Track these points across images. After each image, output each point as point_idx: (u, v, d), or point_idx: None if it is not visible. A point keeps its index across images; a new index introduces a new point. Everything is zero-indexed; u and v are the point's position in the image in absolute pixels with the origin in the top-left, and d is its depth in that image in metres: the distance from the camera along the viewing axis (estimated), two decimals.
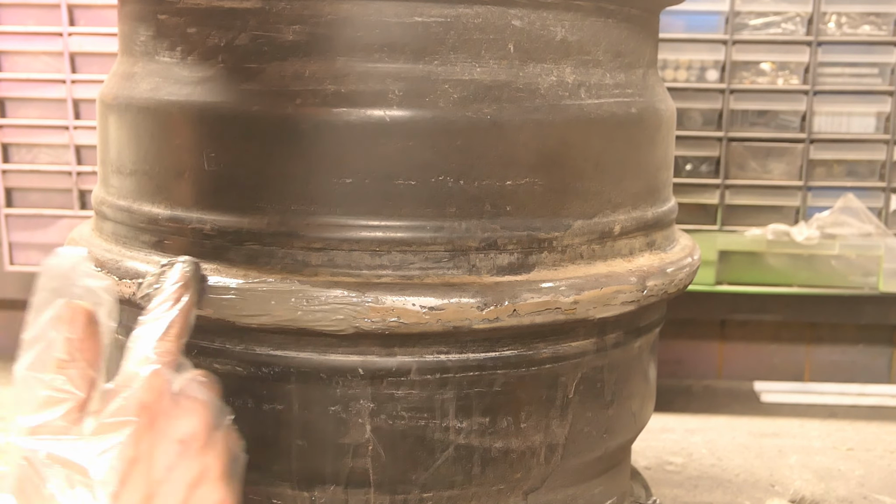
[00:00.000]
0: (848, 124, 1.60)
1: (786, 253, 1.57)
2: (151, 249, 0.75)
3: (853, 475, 1.24)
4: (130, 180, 0.77)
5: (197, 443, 0.57)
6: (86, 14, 1.59)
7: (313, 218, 0.69)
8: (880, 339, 1.73)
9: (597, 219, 0.76)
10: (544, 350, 0.74)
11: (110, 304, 0.60)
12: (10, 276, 1.63)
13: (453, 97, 0.70)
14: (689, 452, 1.32)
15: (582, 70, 0.75)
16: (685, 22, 1.58)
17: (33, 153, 1.64)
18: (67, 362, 0.56)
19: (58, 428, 0.54)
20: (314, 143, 0.69)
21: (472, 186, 0.70)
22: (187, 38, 0.73)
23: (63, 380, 0.55)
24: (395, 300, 0.68)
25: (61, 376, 0.55)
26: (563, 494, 0.80)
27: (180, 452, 0.55)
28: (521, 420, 0.74)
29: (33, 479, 0.52)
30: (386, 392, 0.71)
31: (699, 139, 1.59)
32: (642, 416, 0.87)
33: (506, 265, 0.72)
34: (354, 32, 0.69)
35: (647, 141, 0.81)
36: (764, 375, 1.73)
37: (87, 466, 0.52)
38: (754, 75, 1.59)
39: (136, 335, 0.60)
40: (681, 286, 0.82)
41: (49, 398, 0.55)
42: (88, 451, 0.52)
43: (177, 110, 0.73)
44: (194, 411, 0.57)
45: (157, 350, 0.58)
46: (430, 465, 0.73)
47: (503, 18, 0.71)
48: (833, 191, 1.60)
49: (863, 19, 1.57)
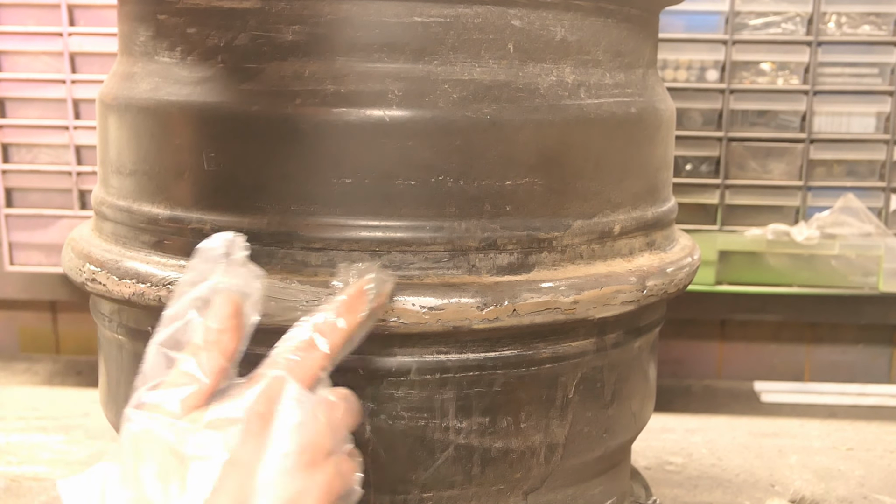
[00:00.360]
0: (848, 124, 1.60)
1: (786, 253, 1.57)
2: (151, 250, 0.75)
3: (853, 475, 1.24)
4: (130, 180, 0.77)
5: (305, 459, 0.54)
6: (86, 14, 1.59)
7: (313, 218, 0.69)
8: (880, 339, 1.73)
9: (597, 219, 0.76)
10: (544, 350, 0.74)
11: (257, 296, 0.58)
12: (10, 276, 1.63)
13: (453, 97, 0.70)
14: (689, 452, 1.32)
15: (582, 70, 0.75)
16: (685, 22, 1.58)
17: (33, 153, 1.64)
18: (201, 347, 0.54)
19: (173, 411, 0.52)
20: (314, 143, 0.69)
21: (472, 186, 0.70)
22: (187, 38, 0.73)
23: (193, 363, 0.54)
24: (394, 300, 0.68)
25: (192, 359, 0.54)
26: (563, 494, 0.80)
27: (285, 467, 0.53)
28: (520, 420, 0.74)
29: (133, 457, 0.51)
30: (385, 392, 0.71)
31: (699, 139, 1.59)
32: (642, 416, 0.87)
33: (506, 265, 0.72)
34: (354, 32, 0.69)
35: (646, 141, 0.81)
36: (764, 375, 1.73)
37: (187, 457, 0.50)
38: (754, 75, 1.59)
39: (291, 332, 0.58)
40: (681, 286, 0.82)
41: (174, 379, 0.53)
42: (193, 442, 0.51)
43: (176, 110, 0.73)
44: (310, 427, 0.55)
45: (293, 357, 0.56)
46: (430, 466, 0.73)
47: (503, 18, 0.71)
48: (833, 191, 1.60)
49: (863, 19, 1.57)
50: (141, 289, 0.72)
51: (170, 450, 0.51)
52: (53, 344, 1.75)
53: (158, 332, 0.56)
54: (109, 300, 0.78)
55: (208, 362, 0.54)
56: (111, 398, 0.84)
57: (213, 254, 0.58)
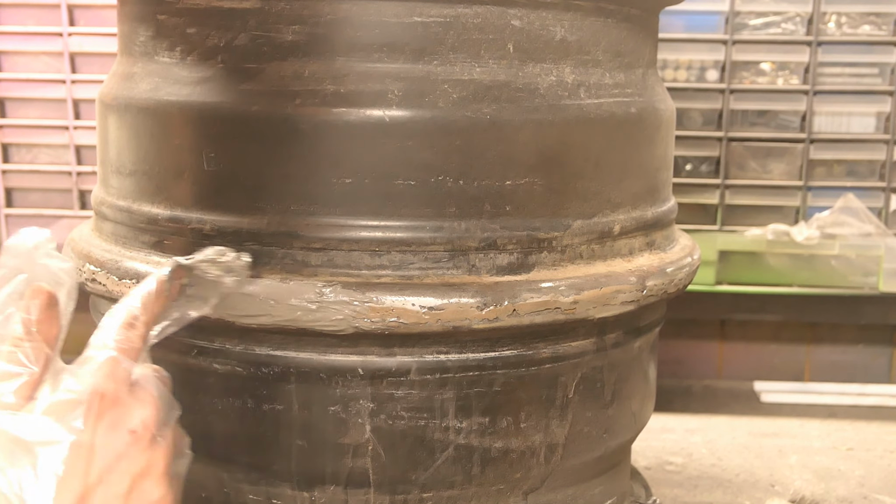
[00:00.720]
0: (848, 124, 1.60)
1: (786, 253, 1.57)
2: (151, 250, 0.75)
3: (853, 475, 1.24)
4: (130, 180, 0.77)
5: (147, 435, 0.56)
6: (86, 14, 1.59)
7: (313, 218, 0.69)
8: (880, 339, 1.73)
9: (596, 219, 0.76)
10: (544, 350, 0.74)
11: (70, 286, 0.59)
12: None
13: (453, 97, 0.70)
14: (689, 452, 1.32)
15: (581, 70, 0.75)
16: (685, 22, 1.58)
17: (33, 153, 1.64)
18: (23, 339, 0.56)
19: (8, 403, 0.53)
20: (314, 143, 0.69)
21: (472, 186, 0.70)
22: (187, 38, 0.73)
23: (17, 354, 0.55)
24: (394, 300, 0.68)
25: (17, 350, 0.55)
26: (563, 494, 0.80)
27: (130, 443, 0.55)
28: (520, 420, 0.74)
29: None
30: (386, 392, 0.71)
31: (699, 139, 1.59)
32: (642, 416, 0.87)
33: (505, 265, 0.72)
34: (354, 32, 0.69)
35: (646, 141, 0.81)
36: (764, 375, 1.73)
37: (32, 445, 0.52)
38: (754, 75, 1.59)
39: (104, 321, 0.59)
40: (681, 286, 0.82)
41: (2, 372, 0.55)
42: (36, 430, 0.52)
43: (176, 110, 0.73)
44: (147, 403, 0.57)
45: (118, 337, 0.58)
46: (430, 465, 0.73)
47: (502, 18, 0.71)
48: (833, 191, 1.60)
49: (863, 19, 1.57)
50: None
51: (14, 440, 0.52)
52: None
53: None
54: (109, 300, 0.78)
55: (33, 352, 0.56)
56: None
57: (20, 250, 0.60)
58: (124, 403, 0.56)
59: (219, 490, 0.76)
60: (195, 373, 0.73)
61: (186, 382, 0.62)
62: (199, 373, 0.73)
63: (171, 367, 0.61)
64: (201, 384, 0.73)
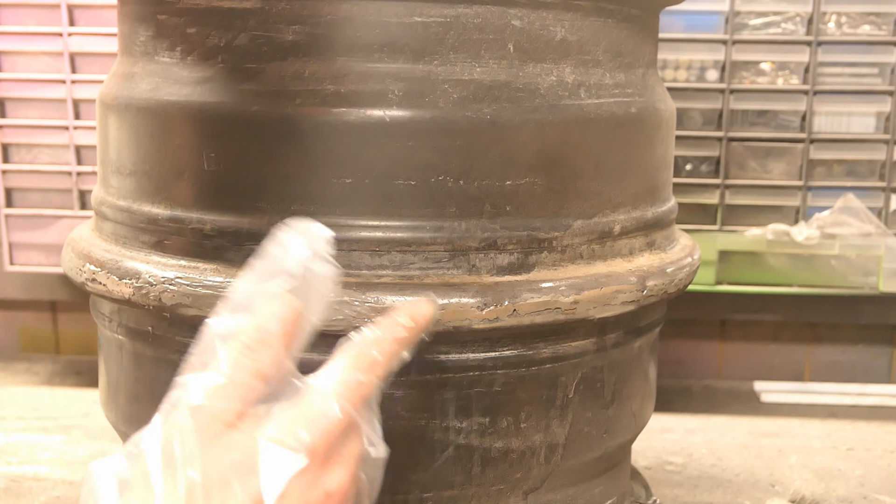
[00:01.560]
0: (848, 124, 1.60)
1: (786, 253, 1.57)
2: (151, 250, 0.75)
3: (853, 475, 1.24)
4: (130, 180, 0.77)
5: (337, 501, 0.52)
6: (86, 14, 1.59)
7: (313, 218, 0.69)
8: (880, 339, 1.73)
9: (597, 219, 0.76)
10: (544, 350, 0.74)
11: (327, 296, 0.56)
12: (10, 276, 1.63)
13: (453, 97, 0.70)
14: (689, 452, 1.32)
15: (582, 70, 0.75)
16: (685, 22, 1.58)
17: (33, 153, 1.64)
18: (256, 351, 0.52)
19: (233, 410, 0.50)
20: (314, 143, 0.69)
21: (472, 186, 0.70)
22: (187, 38, 0.73)
23: (249, 372, 0.52)
24: (395, 300, 0.68)
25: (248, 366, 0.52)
26: (563, 494, 0.80)
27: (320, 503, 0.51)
28: (521, 420, 0.74)
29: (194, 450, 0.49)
30: (385, 392, 0.71)
31: (699, 139, 1.59)
32: (642, 416, 0.87)
33: (506, 265, 0.72)
34: (354, 32, 0.69)
35: (646, 141, 0.81)
36: (764, 375, 1.73)
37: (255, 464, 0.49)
38: (754, 75, 1.59)
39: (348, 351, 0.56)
40: (681, 286, 0.82)
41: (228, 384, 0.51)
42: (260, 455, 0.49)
43: (176, 110, 0.73)
44: (350, 462, 0.53)
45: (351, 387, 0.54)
46: (430, 466, 0.73)
47: (503, 18, 0.71)
48: (833, 191, 1.60)
49: (863, 19, 1.57)
50: (141, 289, 0.72)
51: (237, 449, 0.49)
52: (53, 344, 1.75)
53: (220, 319, 0.54)
54: (110, 300, 0.78)
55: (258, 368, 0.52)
56: (111, 398, 0.84)
57: (296, 242, 0.56)
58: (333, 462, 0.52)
59: None
60: None
61: None
62: None
63: (172, 366, 0.61)
64: None
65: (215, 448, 0.49)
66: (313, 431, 0.51)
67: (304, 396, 0.54)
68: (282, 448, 0.50)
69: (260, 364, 0.53)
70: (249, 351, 0.52)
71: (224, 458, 0.49)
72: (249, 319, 0.54)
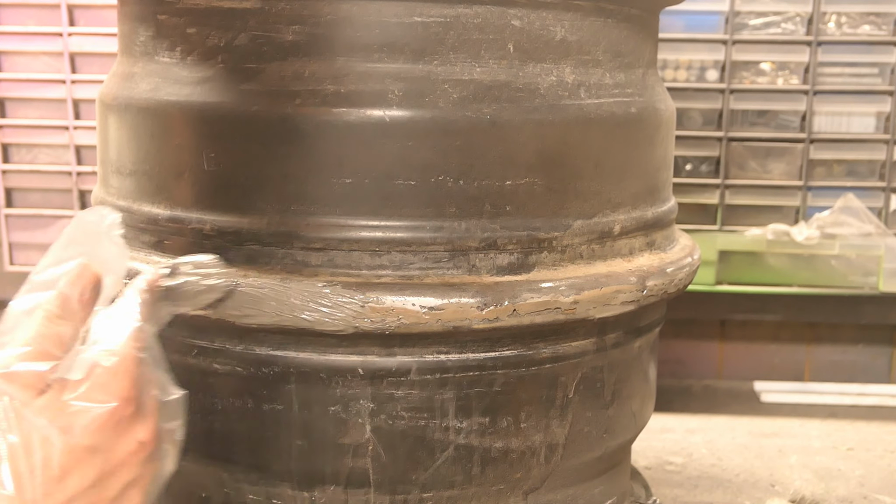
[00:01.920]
0: (848, 124, 1.60)
1: (786, 253, 1.57)
2: (151, 249, 0.75)
3: (853, 475, 1.24)
4: (130, 180, 0.77)
5: (151, 448, 0.57)
6: (86, 14, 1.59)
7: (313, 218, 0.69)
8: (880, 339, 1.73)
9: (597, 219, 0.76)
10: (544, 350, 0.74)
11: (120, 275, 0.60)
12: (10, 276, 1.63)
13: (453, 97, 0.70)
14: (689, 452, 1.32)
15: (581, 70, 0.75)
16: (685, 22, 1.58)
17: (33, 153, 1.64)
18: (59, 318, 0.56)
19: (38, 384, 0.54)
20: (314, 143, 0.69)
21: (472, 186, 0.70)
22: (187, 38, 0.73)
23: (52, 339, 0.55)
24: (395, 300, 0.68)
25: (51, 334, 0.55)
26: (563, 494, 0.80)
27: (133, 452, 0.55)
28: (521, 420, 0.74)
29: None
30: (386, 392, 0.71)
31: (699, 139, 1.59)
32: (642, 416, 0.87)
33: (506, 265, 0.72)
34: (354, 32, 0.69)
35: (646, 141, 0.81)
36: (764, 375, 1.73)
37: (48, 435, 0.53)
38: (754, 75, 1.59)
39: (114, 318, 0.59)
40: (681, 286, 0.82)
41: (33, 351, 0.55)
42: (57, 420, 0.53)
43: (176, 110, 0.73)
44: (153, 416, 0.57)
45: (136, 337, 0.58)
46: (430, 465, 0.73)
47: (503, 18, 0.71)
48: (833, 191, 1.60)
49: (863, 19, 1.57)
50: None
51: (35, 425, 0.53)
52: None
53: (23, 297, 0.58)
54: None
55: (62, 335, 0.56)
56: None
57: (88, 227, 0.61)
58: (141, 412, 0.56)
59: (219, 490, 0.76)
60: (195, 373, 0.73)
61: (187, 382, 0.61)
62: (200, 373, 0.73)
63: (172, 367, 0.61)
64: (201, 384, 0.73)
65: (29, 411, 0.53)
66: (114, 387, 0.55)
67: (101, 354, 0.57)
68: (90, 403, 0.54)
69: (62, 331, 0.56)
70: (49, 322, 0.56)
71: (38, 420, 0.53)
72: (50, 292, 0.58)
